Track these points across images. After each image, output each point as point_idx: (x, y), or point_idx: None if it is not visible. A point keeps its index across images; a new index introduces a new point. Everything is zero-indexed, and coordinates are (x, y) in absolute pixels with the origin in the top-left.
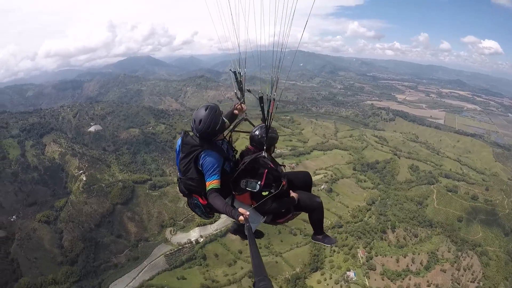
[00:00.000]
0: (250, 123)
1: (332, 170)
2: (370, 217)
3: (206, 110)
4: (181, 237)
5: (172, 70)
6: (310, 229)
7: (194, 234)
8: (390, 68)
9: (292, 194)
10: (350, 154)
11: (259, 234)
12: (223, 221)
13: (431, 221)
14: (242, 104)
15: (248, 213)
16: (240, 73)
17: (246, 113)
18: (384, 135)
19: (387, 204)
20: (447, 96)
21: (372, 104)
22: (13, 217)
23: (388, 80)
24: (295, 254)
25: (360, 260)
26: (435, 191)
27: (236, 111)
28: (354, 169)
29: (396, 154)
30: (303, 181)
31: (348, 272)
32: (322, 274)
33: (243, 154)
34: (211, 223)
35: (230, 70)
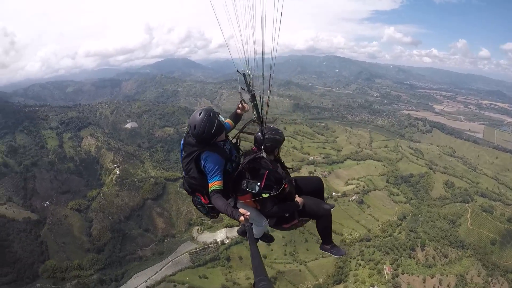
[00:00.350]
0: (258, 123)
1: (364, 181)
2: (400, 232)
3: (200, 114)
4: (207, 237)
5: (208, 72)
6: (337, 240)
7: (221, 234)
8: (427, 76)
9: (297, 198)
10: (384, 166)
11: (269, 238)
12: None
13: (462, 242)
14: (244, 103)
15: (248, 213)
16: (250, 75)
17: (254, 114)
18: (420, 147)
19: (418, 221)
20: (486, 108)
21: (408, 114)
22: (47, 202)
23: (425, 89)
24: (319, 264)
25: (385, 277)
26: (469, 210)
27: (238, 111)
28: (387, 181)
29: (431, 168)
30: (314, 187)
31: None
32: (345, 287)
33: (246, 155)
34: (238, 225)
35: (238, 71)
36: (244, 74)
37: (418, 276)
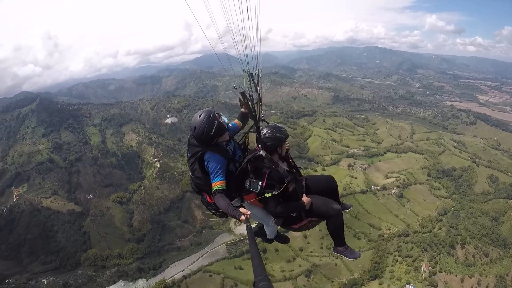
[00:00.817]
0: (267, 123)
1: (405, 174)
2: (440, 228)
3: (200, 116)
4: (244, 229)
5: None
6: (375, 234)
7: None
8: (472, 65)
9: (304, 198)
10: (426, 159)
11: (284, 239)
12: None
13: (505, 241)
14: (249, 102)
15: (249, 212)
16: (257, 75)
17: (263, 114)
18: (463, 139)
19: (459, 217)
20: None
21: (452, 105)
22: (90, 195)
23: (469, 79)
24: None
25: (422, 274)
26: None
27: (242, 109)
28: (429, 175)
29: (475, 162)
30: (324, 186)
31: (407, 286)
32: (380, 284)
33: (249, 154)
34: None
35: (244, 71)
36: (251, 74)
37: (456, 275)
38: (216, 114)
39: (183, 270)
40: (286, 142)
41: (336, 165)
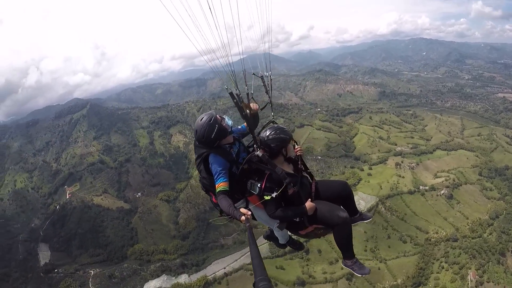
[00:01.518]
0: (276, 124)
1: (455, 173)
2: (490, 233)
3: (201, 120)
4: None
5: (291, 65)
6: (422, 238)
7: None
8: None
9: (307, 203)
10: (477, 156)
11: (297, 246)
12: None
13: None
14: (251, 103)
15: (249, 213)
16: (267, 76)
17: (273, 116)
18: None
19: None
20: None
21: (504, 97)
22: (138, 194)
23: None
24: (400, 263)
25: (468, 284)
26: None
27: (248, 111)
28: (480, 174)
29: None
30: (335, 192)
31: None
32: None
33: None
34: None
35: (254, 75)
36: (262, 77)
37: (504, 287)
38: (219, 117)
39: (225, 268)
40: (297, 146)
41: (383, 164)
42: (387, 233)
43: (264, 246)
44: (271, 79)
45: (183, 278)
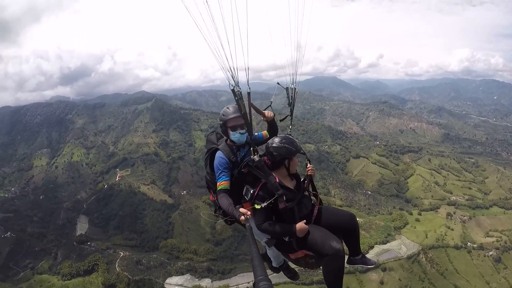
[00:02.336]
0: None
1: (508, 235)
2: None
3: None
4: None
5: (356, 92)
6: None
7: None
8: None
9: (299, 224)
10: None
11: (292, 274)
12: (368, 257)
13: None
14: (267, 111)
15: (249, 213)
16: (293, 88)
17: (290, 129)
18: None
19: None
20: None
21: None
22: (184, 191)
23: None
24: None
25: None
26: None
27: (264, 119)
28: None
29: None
30: (339, 223)
31: None
32: None
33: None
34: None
35: (278, 83)
36: (287, 88)
37: None
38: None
39: (249, 282)
40: (309, 165)
41: (434, 211)
42: (422, 286)
43: (295, 266)
44: (295, 92)
45: (206, 282)
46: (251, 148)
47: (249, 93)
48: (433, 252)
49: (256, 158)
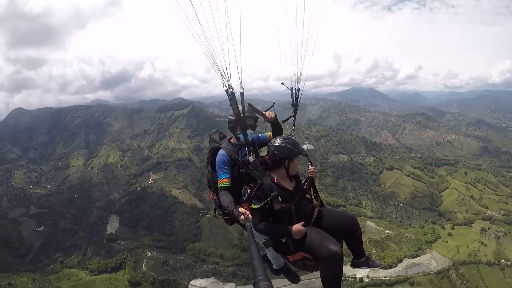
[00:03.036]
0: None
1: None
2: None
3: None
4: (347, 269)
5: (394, 104)
6: None
7: (362, 271)
8: None
9: (296, 225)
10: None
11: (293, 277)
12: (396, 270)
13: None
14: (268, 112)
15: (248, 213)
16: (298, 89)
17: (293, 130)
18: None
19: None
20: None
21: None
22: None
23: None
24: None
25: None
26: None
27: (264, 119)
28: None
29: None
30: (339, 225)
31: None
32: None
33: None
34: (384, 267)
35: (282, 83)
36: (291, 89)
37: None
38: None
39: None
40: (311, 167)
41: (468, 226)
42: None
43: (317, 280)
44: (300, 93)
45: (230, 287)
46: (246, 149)
47: (242, 93)
48: (464, 268)
49: (251, 158)
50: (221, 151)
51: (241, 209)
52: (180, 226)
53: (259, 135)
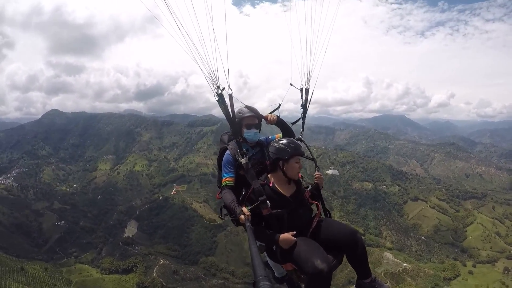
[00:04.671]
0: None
1: None
2: None
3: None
4: None
5: (424, 133)
6: None
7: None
8: None
9: (284, 234)
10: None
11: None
12: None
13: None
14: (268, 115)
15: (249, 213)
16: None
17: (301, 133)
18: None
19: None
20: None
21: None
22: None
23: None
24: None
25: None
26: None
27: (266, 122)
28: None
29: None
30: (337, 238)
31: None
32: None
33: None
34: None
35: (291, 84)
36: (301, 89)
37: None
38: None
39: None
40: (317, 172)
41: (491, 264)
42: None
43: None
44: (310, 94)
45: None
46: (239, 151)
47: (230, 95)
48: None
49: (243, 160)
50: (227, 151)
51: (244, 209)
52: (196, 238)
53: (269, 136)
